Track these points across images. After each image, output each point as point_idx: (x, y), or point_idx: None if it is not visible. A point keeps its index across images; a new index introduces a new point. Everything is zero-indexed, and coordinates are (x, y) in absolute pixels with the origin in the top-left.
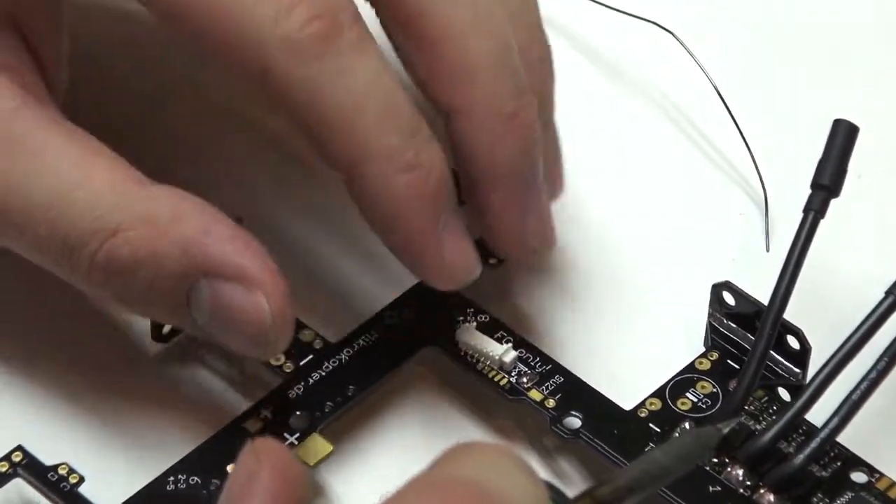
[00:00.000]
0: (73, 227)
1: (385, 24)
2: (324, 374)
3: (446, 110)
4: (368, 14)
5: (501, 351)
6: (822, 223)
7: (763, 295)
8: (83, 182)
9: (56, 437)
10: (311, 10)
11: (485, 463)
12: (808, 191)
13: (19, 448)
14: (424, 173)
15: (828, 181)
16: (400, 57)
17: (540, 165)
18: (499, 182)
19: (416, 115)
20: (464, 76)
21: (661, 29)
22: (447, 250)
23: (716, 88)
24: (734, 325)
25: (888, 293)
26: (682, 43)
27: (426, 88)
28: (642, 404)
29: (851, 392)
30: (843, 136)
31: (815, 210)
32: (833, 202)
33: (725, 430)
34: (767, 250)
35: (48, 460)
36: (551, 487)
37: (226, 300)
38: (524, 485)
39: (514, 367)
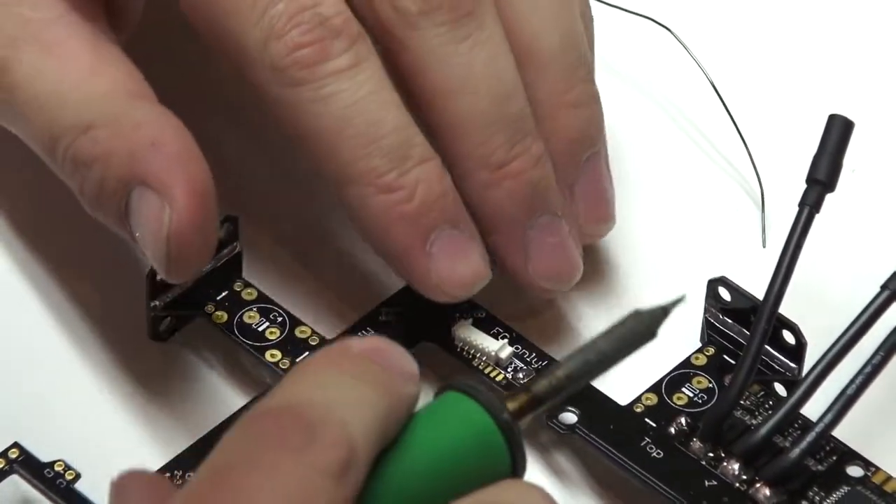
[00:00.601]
0: (59, 122)
1: (391, 74)
2: None
3: (444, 159)
4: None
5: (497, 347)
6: (818, 218)
7: (760, 290)
8: (82, 85)
9: (52, 434)
10: (301, 36)
11: (307, 381)
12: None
13: (15, 445)
14: (407, 194)
15: (823, 176)
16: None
17: (546, 208)
18: (493, 228)
19: (406, 137)
20: (453, 132)
21: (657, 25)
22: (437, 267)
23: (712, 84)
24: (730, 321)
25: (883, 287)
26: (678, 39)
27: (428, 137)
28: (638, 399)
29: (847, 386)
30: (838, 131)
31: (809, 205)
32: (828, 197)
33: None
34: (764, 246)
35: (44, 457)
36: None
37: (143, 207)
38: (346, 392)
39: (510, 363)
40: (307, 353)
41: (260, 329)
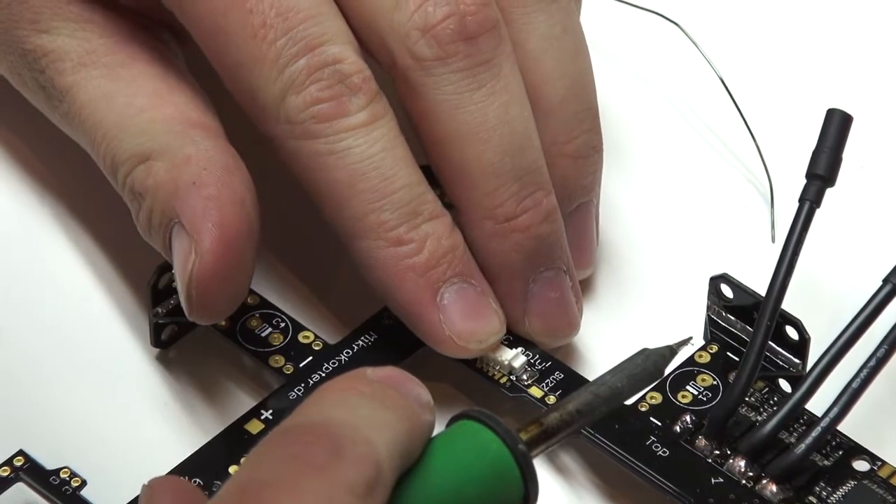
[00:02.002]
0: (121, 150)
1: (406, 118)
2: (323, 375)
3: (451, 203)
4: None
5: (511, 356)
6: (823, 213)
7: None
8: (145, 111)
9: (58, 442)
10: (320, 91)
11: (331, 402)
12: None
13: (21, 453)
14: (416, 247)
15: (822, 171)
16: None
17: (551, 263)
18: (495, 277)
19: (417, 193)
20: (462, 179)
21: (666, 21)
22: (448, 320)
23: (722, 80)
24: (733, 318)
25: (885, 281)
26: (687, 35)
27: (438, 179)
28: (643, 398)
29: (851, 381)
30: (836, 126)
31: (810, 200)
32: (835, 193)
33: (679, 350)
34: (773, 242)
35: (50, 464)
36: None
37: (176, 245)
38: (369, 414)
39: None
40: (310, 357)
41: (263, 335)
